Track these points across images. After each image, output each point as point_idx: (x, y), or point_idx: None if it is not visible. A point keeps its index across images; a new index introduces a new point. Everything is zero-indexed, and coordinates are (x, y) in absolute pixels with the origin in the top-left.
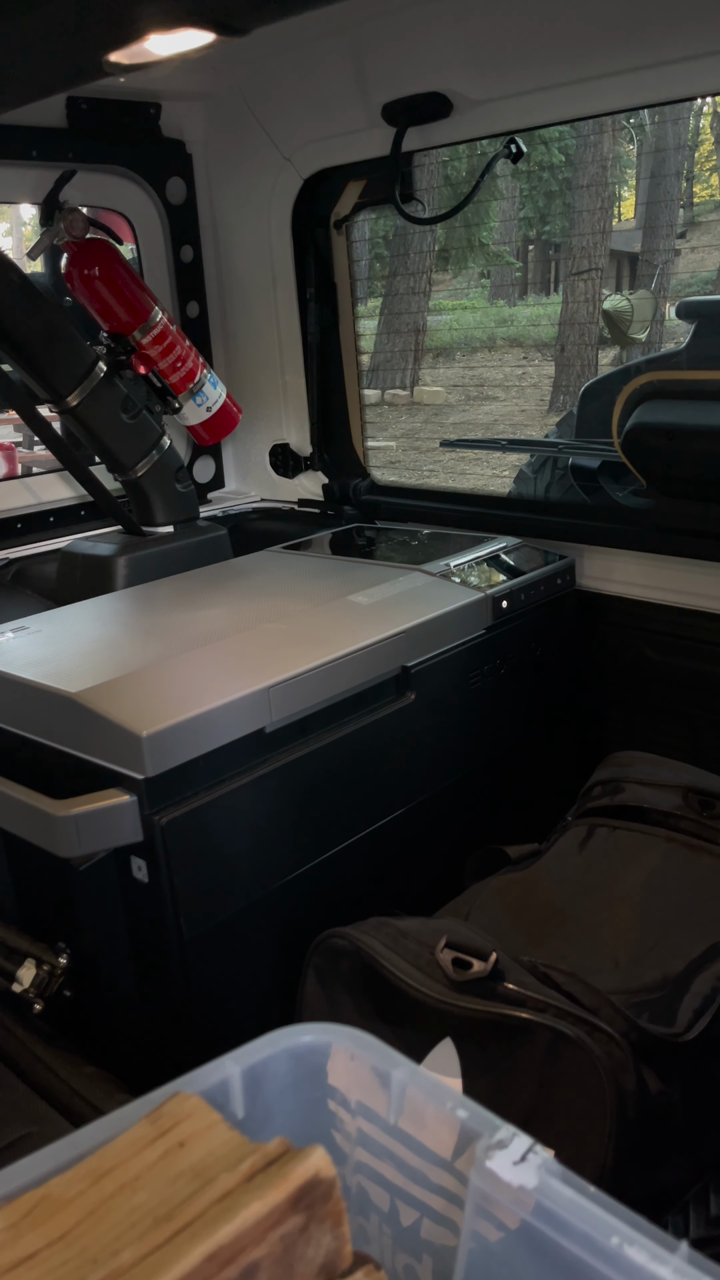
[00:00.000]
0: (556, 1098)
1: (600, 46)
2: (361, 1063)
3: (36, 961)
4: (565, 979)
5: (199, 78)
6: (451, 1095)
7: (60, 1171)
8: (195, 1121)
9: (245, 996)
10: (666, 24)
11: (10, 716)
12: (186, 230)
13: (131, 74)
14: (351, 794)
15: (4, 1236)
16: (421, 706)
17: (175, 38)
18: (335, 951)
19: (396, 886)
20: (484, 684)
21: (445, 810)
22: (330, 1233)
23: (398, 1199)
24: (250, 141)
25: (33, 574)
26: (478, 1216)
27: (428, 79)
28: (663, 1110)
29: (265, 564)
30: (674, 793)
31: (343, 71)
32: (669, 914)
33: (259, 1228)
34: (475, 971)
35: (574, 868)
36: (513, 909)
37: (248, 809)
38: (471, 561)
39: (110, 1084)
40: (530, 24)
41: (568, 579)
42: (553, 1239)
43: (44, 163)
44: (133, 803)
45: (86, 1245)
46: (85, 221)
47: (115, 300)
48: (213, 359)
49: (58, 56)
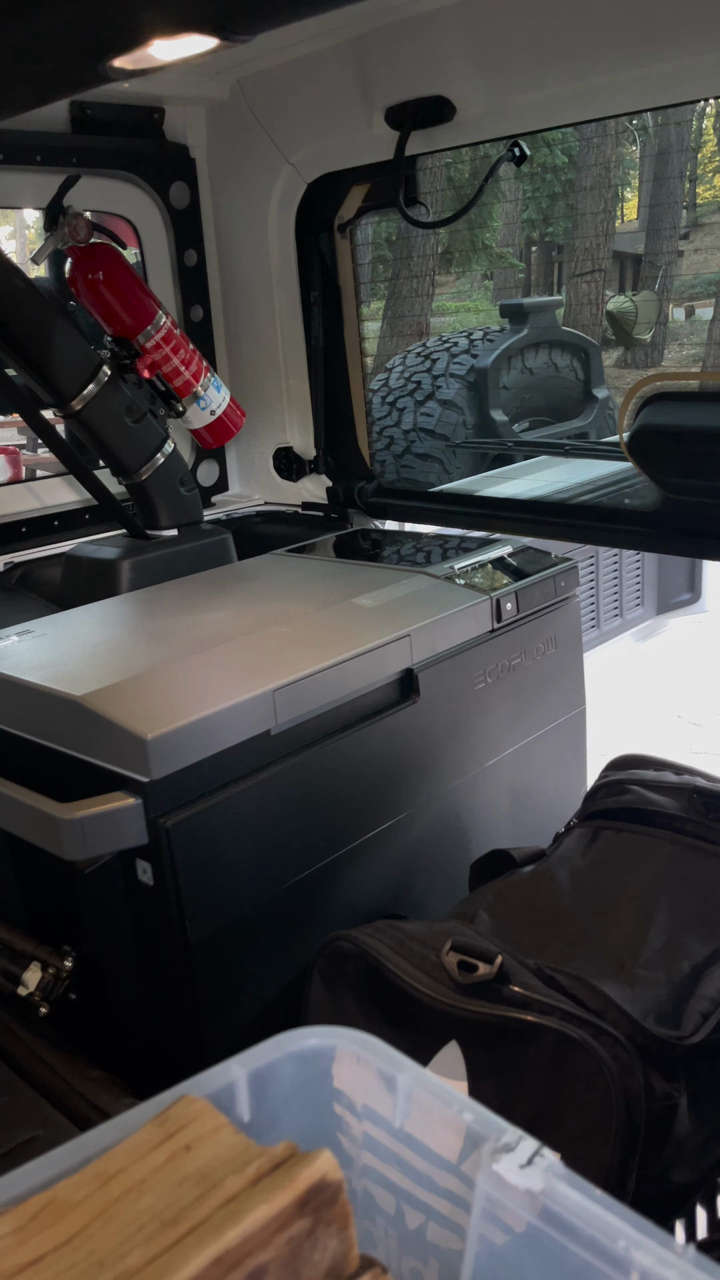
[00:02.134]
0: (562, 1101)
1: (603, 50)
2: (367, 1066)
3: (42, 965)
4: (571, 982)
5: (202, 82)
6: (457, 1098)
7: (67, 1175)
8: (202, 1125)
9: (251, 999)
10: (669, 27)
11: (16, 720)
12: (190, 234)
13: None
14: (356, 797)
15: (11, 1240)
16: (426, 709)
17: (179, 43)
18: (341, 955)
19: (401, 889)
20: (488, 686)
21: (450, 812)
22: (337, 1236)
23: (404, 1202)
24: (254, 146)
25: (37, 578)
26: (484, 1220)
27: (430, 83)
28: (669, 1113)
29: (269, 567)
30: (679, 795)
31: (345, 76)
32: (674, 917)
33: (266, 1231)
34: (481, 974)
35: (579, 871)
36: (518, 912)
37: (253, 812)
38: (475, 564)
39: (116, 1087)
40: (532, 27)
41: (571, 580)
42: (559, 1242)
43: (48, 168)
44: (138, 806)
45: (93, 1249)
46: (89, 226)
47: (119, 304)
48: (216, 363)
49: (62, 62)
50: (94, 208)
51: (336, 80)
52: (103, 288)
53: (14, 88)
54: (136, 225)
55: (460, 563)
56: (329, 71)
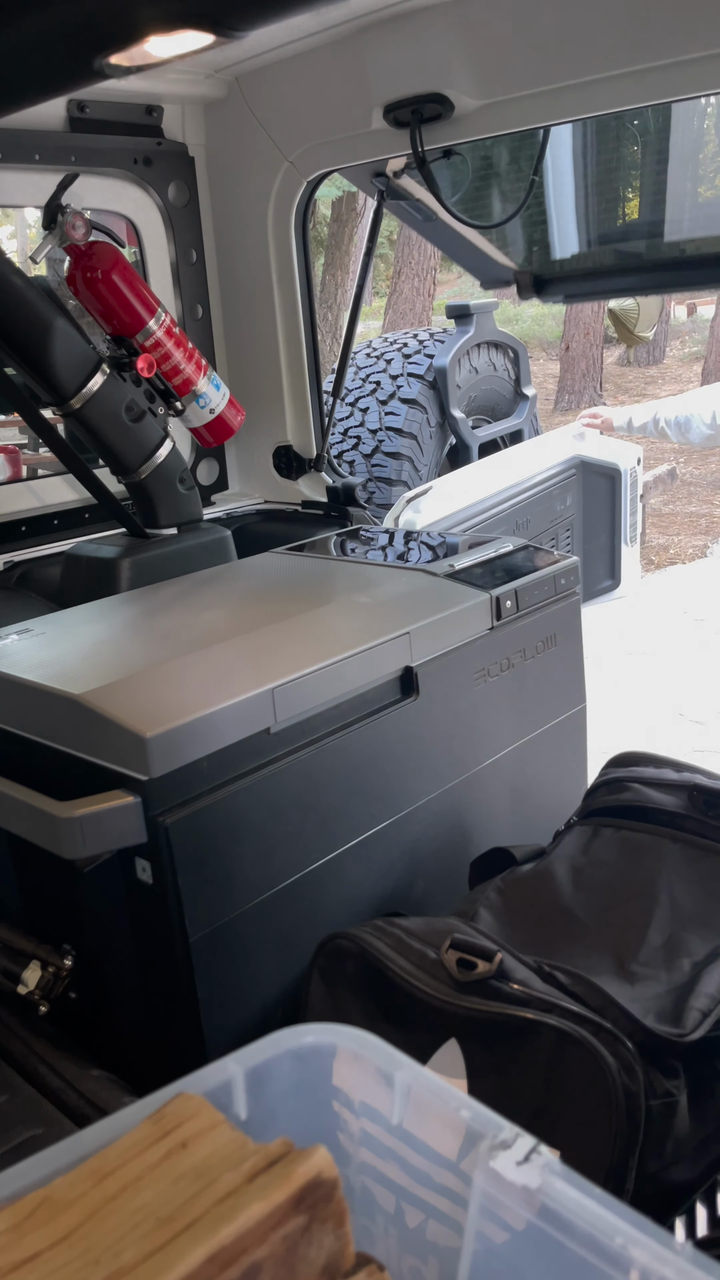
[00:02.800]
0: (562, 1098)
1: (601, 45)
2: (366, 1064)
3: (41, 963)
4: (570, 979)
5: (200, 81)
6: (456, 1096)
7: (63, 1172)
8: (198, 1122)
9: (250, 998)
10: (667, 23)
11: (15, 718)
12: (189, 233)
13: (132, 77)
14: (356, 795)
15: (7, 1237)
16: (425, 707)
17: (174, 39)
18: (340, 952)
19: (401, 887)
20: (488, 684)
21: (450, 810)
22: (332, 1233)
23: (402, 1200)
24: (252, 144)
25: (37, 577)
26: (482, 1217)
27: (428, 80)
28: (668, 1111)
29: (269, 565)
30: (679, 793)
31: (343, 73)
32: (674, 914)
33: (261, 1228)
34: (480, 972)
35: (579, 869)
36: (518, 910)
37: (252, 810)
38: (475, 562)
39: (116, 1086)
40: (530, 24)
41: (571, 579)
42: (557, 1240)
43: (46, 166)
44: (137, 804)
45: (89, 1246)
46: (88, 225)
47: (118, 303)
48: (215, 361)
49: (59, 58)
50: (92, 206)
51: (334, 78)
52: (101, 286)
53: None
54: (135, 223)
55: (460, 560)
56: (327, 69)
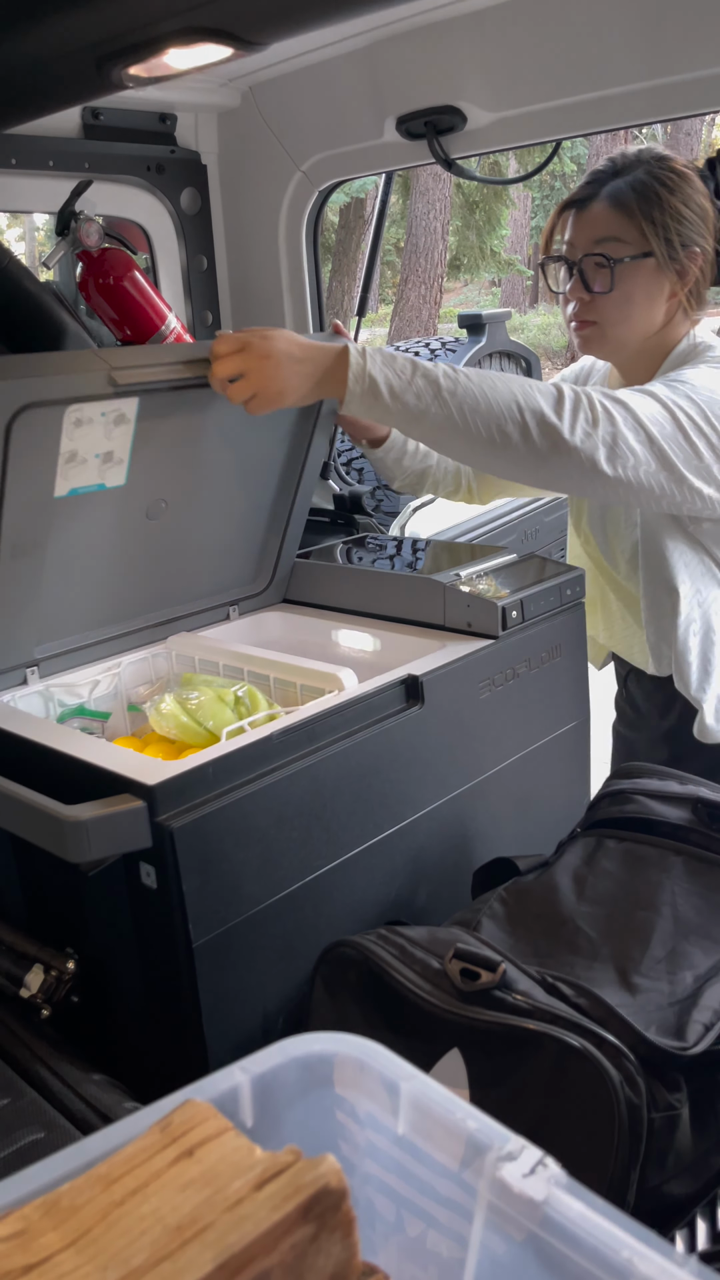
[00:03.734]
0: (564, 1110)
1: (615, 61)
2: (370, 1073)
3: (44, 967)
4: (573, 991)
5: (214, 90)
6: (460, 1106)
7: (70, 1178)
8: (206, 1129)
9: (253, 1004)
10: (680, 39)
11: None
12: (201, 240)
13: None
14: (360, 802)
15: (14, 1243)
16: (430, 716)
17: (193, 52)
18: (343, 961)
19: (404, 896)
20: (493, 694)
21: (453, 819)
22: (340, 1242)
23: (405, 1210)
24: (265, 153)
25: None
26: (486, 1228)
27: (442, 92)
28: (670, 1124)
29: None
30: (683, 805)
31: (357, 84)
32: (677, 927)
33: (270, 1237)
34: (483, 982)
35: (582, 880)
36: (521, 920)
37: (256, 816)
38: (481, 571)
39: (118, 1091)
40: (543, 37)
41: (577, 589)
42: (561, 1252)
43: (60, 173)
44: (142, 809)
45: (98, 1251)
46: (100, 231)
47: (130, 309)
48: None
49: (77, 69)
50: (105, 213)
51: (348, 89)
52: (114, 292)
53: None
54: (148, 230)
55: (466, 569)
56: (340, 80)
